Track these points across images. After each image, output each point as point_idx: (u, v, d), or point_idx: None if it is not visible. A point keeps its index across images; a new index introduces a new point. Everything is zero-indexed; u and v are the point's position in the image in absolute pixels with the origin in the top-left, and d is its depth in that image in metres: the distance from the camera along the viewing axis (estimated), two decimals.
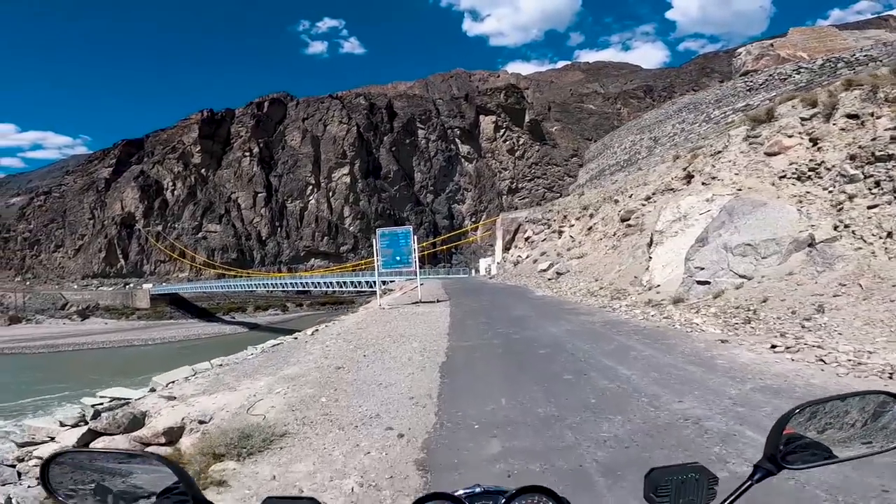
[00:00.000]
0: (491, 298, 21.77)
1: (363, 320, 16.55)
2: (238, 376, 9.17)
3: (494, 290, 27.69)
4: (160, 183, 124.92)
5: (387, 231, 23.29)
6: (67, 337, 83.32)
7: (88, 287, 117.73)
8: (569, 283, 23.65)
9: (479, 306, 18.62)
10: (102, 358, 63.47)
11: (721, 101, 31.63)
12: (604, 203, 34.40)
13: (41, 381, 44.09)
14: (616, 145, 42.07)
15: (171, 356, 61.57)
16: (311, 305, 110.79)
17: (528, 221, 45.50)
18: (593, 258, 28.66)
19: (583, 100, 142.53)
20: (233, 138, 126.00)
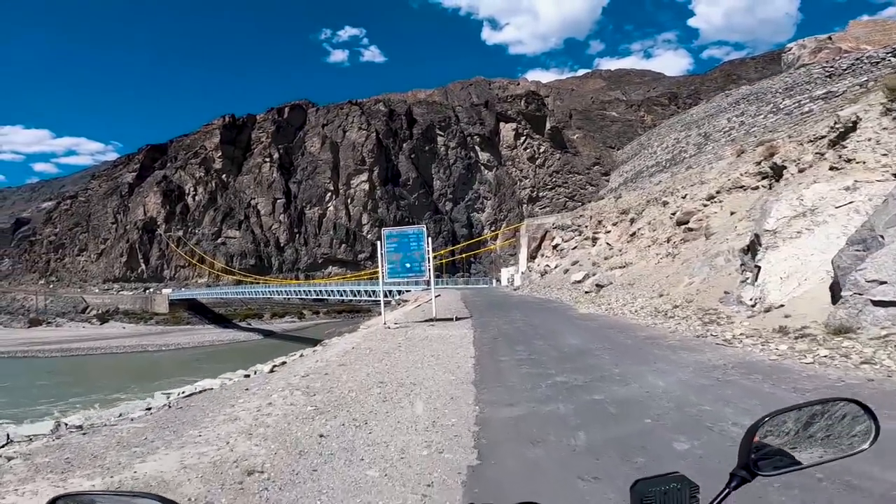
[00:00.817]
0: (524, 317, 16.89)
1: (355, 348, 11.81)
2: (40, 471, 4.53)
3: (524, 304, 22.73)
4: (182, 188, 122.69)
5: (395, 231, 18.41)
6: (83, 341, 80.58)
7: (109, 291, 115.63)
8: (618, 299, 18.62)
9: (511, 329, 13.81)
10: (112, 364, 60.35)
11: (792, 89, 26.48)
12: (648, 206, 29.31)
13: (37, 387, 40.93)
14: (655, 144, 36.97)
15: (181, 363, 58.60)
16: (327, 313, 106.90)
17: (556, 228, 40.45)
18: (641, 268, 23.56)
19: (605, 107, 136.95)
20: (253, 144, 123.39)
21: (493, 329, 13.98)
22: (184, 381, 41.54)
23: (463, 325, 15.23)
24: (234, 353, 65.17)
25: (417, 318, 18.23)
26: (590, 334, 11.83)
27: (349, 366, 9.40)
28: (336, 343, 13.02)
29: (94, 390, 38.44)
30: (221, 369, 47.18)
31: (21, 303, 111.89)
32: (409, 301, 32.13)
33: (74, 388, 40.08)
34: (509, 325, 14.87)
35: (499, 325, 14.96)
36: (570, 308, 19.23)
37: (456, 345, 11.61)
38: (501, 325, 14.96)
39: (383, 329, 15.20)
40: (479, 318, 16.94)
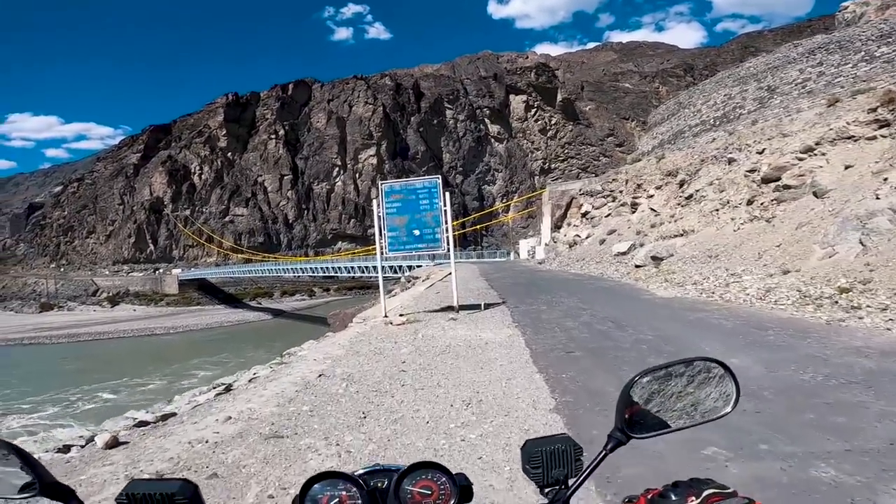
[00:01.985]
0: (582, 303, 11.36)
1: (322, 376, 6.36)
2: None
3: (566, 282, 17.20)
4: (187, 167, 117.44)
5: (397, 185, 12.09)
6: (92, 325, 76.58)
7: (119, 273, 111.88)
8: (706, 276, 13.15)
9: (580, 328, 8.33)
10: (121, 349, 57.01)
11: (888, 36, 20.75)
12: (704, 165, 23.55)
13: (52, 375, 38.57)
14: (699, 103, 31.20)
15: (191, 347, 54.76)
16: (337, 290, 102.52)
17: (584, 194, 34.78)
18: (712, 235, 18.08)
19: (618, 79, 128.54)
20: (258, 121, 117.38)
21: (551, 327, 8.67)
22: (193, 367, 37.44)
23: (499, 319, 9.92)
24: (242, 336, 61.44)
25: (432, 304, 12.92)
26: (767, 352, 6.36)
27: (281, 444, 4.11)
28: (298, 361, 7.60)
29: (111, 377, 36.70)
30: (229, 354, 42.90)
31: (32, 287, 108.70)
32: (419, 278, 26.83)
33: (92, 375, 38.09)
34: (570, 318, 9.54)
35: (554, 318, 9.61)
36: (637, 288, 13.79)
37: (504, 368, 6.36)
38: (558, 318, 9.62)
39: (383, 325, 10.00)
40: (518, 306, 11.58)
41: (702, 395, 1.21)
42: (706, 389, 1.22)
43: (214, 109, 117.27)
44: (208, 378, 32.00)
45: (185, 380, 35.66)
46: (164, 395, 27.70)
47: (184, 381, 35.26)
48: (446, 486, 1.10)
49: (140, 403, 23.37)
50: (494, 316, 10.36)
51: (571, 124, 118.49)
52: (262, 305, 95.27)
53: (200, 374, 36.48)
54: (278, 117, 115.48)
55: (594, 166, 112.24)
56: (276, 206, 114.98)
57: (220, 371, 35.93)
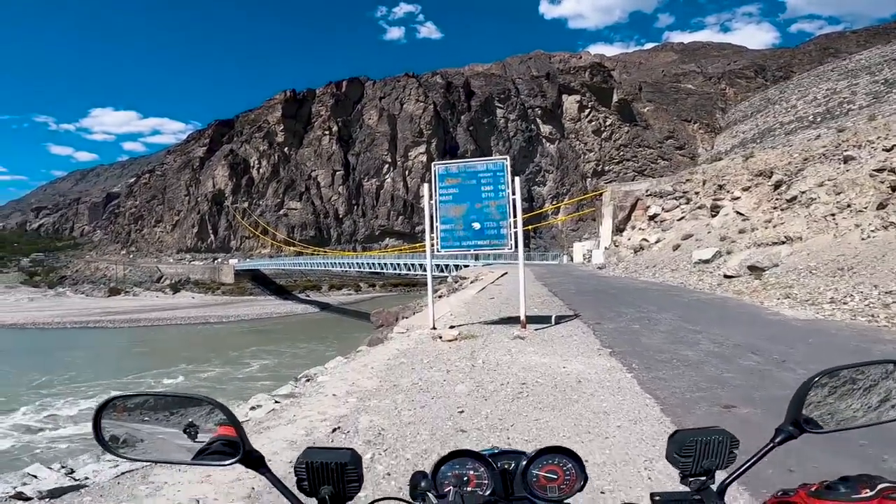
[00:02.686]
0: (698, 326, 8.05)
1: (344, 420, 4.02)
2: None
3: (644, 293, 14.00)
4: (247, 161, 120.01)
5: (455, 167, 9.30)
6: (152, 311, 78.23)
7: (182, 261, 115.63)
8: (844, 290, 9.90)
9: (734, 370, 5.09)
10: (177, 335, 58.02)
11: None
12: (809, 165, 19.73)
13: (92, 362, 38.64)
14: (794, 98, 27.14)
15: (239, 336, 54.97)
16: (383, 286, 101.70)
17: (652, 195, 31.14)
18: (830, 244, 14.56)
19: (679, 80, 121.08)
20: (313, 118, 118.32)
21: (665, 358, 5.89)
22: (238, 358, 37.07)
23: (581, 340, 7.19)
24: (288, 329, 61.33)
25: (487, 313, 10.29)
26: None
27: None
28: (312, 393, 5.23)
29: (163, 364, 37.28)
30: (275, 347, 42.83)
31: (104, 272, 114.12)
32: (467, 279, 24.26)
33: (147, 361, 38.99)
34: (682, 343, 6.69)
35: (660, 343, 6.78)
36: (746, 304, 10.64)
37: (627, 434, 3.74)
38: (664, 342, 6.79)
39: (430, 340, 7.53)
40: (600, 322, 8.79)
41: (887, 393, 1.13)
42: (891, 388, 1.13)
43: (273, 105, 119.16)
44: (256, 371, 32.82)
45: (238, 369, 35.56)
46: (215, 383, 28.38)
47: (236, 369, 35.08)
48: (572, 471, 1.08)
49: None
50: (573, 335, 7.64)
51: (628, 126, 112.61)
52: (310, 298, 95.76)
53: (252, 364, 35.91)
54: (332, 114, 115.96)
55: (651, 169, 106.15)
56: (327, 201, 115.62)
57: (268, 363, 35.81)
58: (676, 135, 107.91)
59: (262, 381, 30.30)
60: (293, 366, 33.93)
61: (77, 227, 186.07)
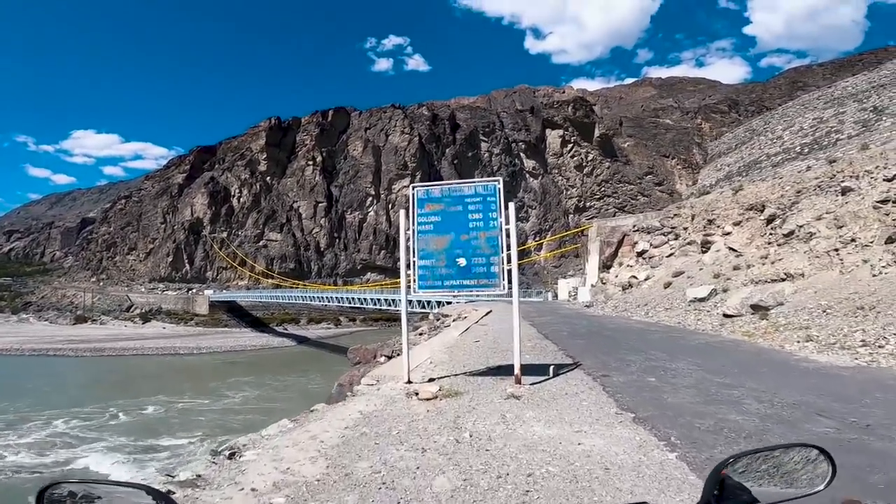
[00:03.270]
0: (726, 378, 6.45)
1: None
2: None
3: (648, 335, 12.43)
4: (228, 189, 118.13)
5: (438, 190, 7.56)
6: (119, 341, 75.21)
7: (155, 290, 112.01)
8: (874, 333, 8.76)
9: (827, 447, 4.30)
10: (141, 366, 55.64)
11: None
12: (804, 198, 19.12)
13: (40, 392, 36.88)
14: (779, 129, 26.88)
15: (206, 370, 52.60)
16: (364, 321, 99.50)
17: (639, 231, 30.41)
18: (837, 281, 13.62)
19: (658, 115, 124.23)
20: (297, 147, 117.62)
21: (713, 428, 4.48)
22: (193, 393, 34.97)
23: (589, 398, 5.75)
24: (263, 362, 59.06)
25: (473, 360, 8.80)
26: None
27: None
28: (226, 485, 3.86)
29: (108, 396, 35.50)
30: (243, 379, 40.73)
31: (70, 299, 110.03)
32: (449, 317, 22.81)
33: (96, 393, 37.34)
34: (721, 403, 5.23)
35: (692, 402, 5.32)
36: (764, 349, 9.38)
37: None
38: (696, 401, 5.33)
39: (403, 398, 6.05)
40: (607, 373, 7.40)
41: (796, 474, 1.24)
42: (801, 469, 1.24)
43: (257, 133, 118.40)
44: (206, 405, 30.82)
45: (180, 401, 33.93)
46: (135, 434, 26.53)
47: (179, 402, 33.06)
48: None
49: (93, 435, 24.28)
50: (579, 392, 6.26)
51: (609, 161, 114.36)
52: (287, 331, 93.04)
53: (195, 401, 33.82)
54: (317, 143, 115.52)
55: (632, 206, 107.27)
56: (308, 233, 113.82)
57: (214, 400, 33.73)
58: (656, 170, 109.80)
59: (203, 420, 28.44)
60: (249, 406, 32.03)
61: (48, 253, 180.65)
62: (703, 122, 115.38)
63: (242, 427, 26.29)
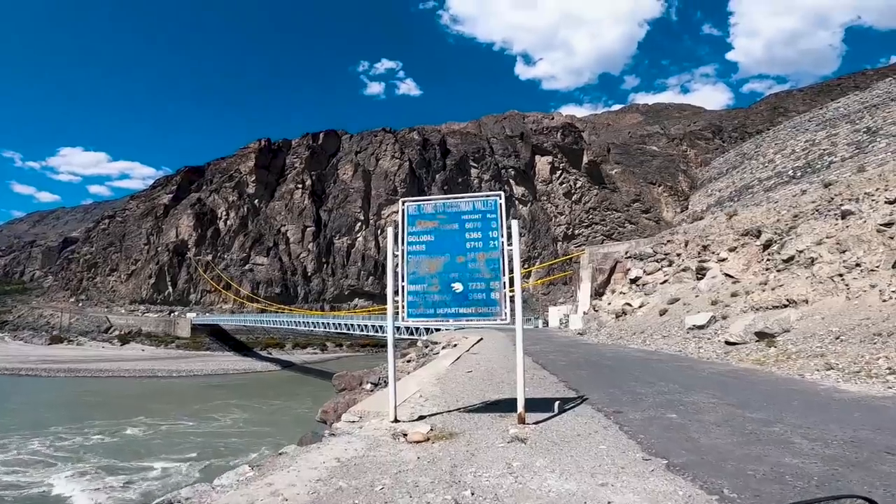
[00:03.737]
0: (759, 413, 5.44)
1: None
2: None
3: (650, 365, 11.46)
4: (215, 212, 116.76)
5: (432, 208, 6.52)
6: (95, 362, 72.78)
7: (135, 312, 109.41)
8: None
9: None
10: (108, 389, 53.30)
11: None
12: (801, 222, 18.76)
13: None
14: (770, 152, 26.78)
15: (183, 393, 50.61)
16: (350, 346, 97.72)
17: (632, 258, 29.95)
18: (840, 307, 13.07)
19: (645, 141, 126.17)
20: (287, 169, 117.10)
21: (765, 471, 3.67)
22: (169, 414, 33.31)
23: (606, 439, 4.86)
24: (244, 386, 57.16)
25: (466, 394, 7.81)
26: None
27: None
28: None
29: (76, 419, 34.06)
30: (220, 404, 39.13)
31: (47, 319, 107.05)
32: (439, 344, 21.86)
33: (63, 414, 35.99)
34: (774, 445, 4.31)
35: (729, 445, 4.46)
36: (783, 378, 8.53)
37: None
38: (732, 441, 4.47)
39: (389, 439, 5.09)
40: (619, 408, 6.50)
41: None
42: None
43: (247, 154, 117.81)
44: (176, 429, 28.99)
45: (156, 427, 32.37)
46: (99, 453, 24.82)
47: (157, 427, 31.55)
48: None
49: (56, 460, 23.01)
50: (593, 432, 5.40)
51: (597, 188, 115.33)
52: (271, 356, 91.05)
53: (164, 424, 32.11)
54: (307, 166, 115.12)
55: (619, 233, 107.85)
56: (296, 258, 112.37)
57: (196, 424, 31.99)
58: (643, 198, 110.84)
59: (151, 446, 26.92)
60: (213, 431, 30.36)
61: (28, 271, 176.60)
62: (689, 149, 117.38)
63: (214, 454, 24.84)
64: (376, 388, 13.28)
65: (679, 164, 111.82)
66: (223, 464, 21.91)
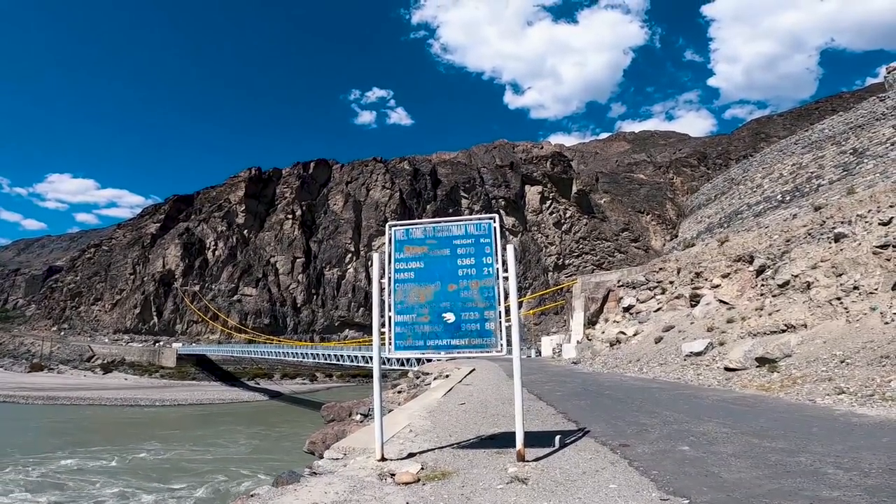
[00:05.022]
0: (783, 443, 5.37)
1: None
2: None
3: (650, 393, 10.79)
4: (203, 241, 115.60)
5: (421, 233, 6.03)
6: (76, 390, 71.57)
7: (119, 342, 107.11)
8: None
9: None
10: (95, 417, 52.67)
11: None
12: (794, 247, 18.63)
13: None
14: (758, 177, 26.99)
15: (171, 422, 49.60)
16: (341, 377, 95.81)
17: (624, 286, 29.64)
18: (841, 330, 12.75)
19: (632, 169, 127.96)
20: (277, 199, 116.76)
21: None
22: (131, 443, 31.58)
23: (615, 478, 4.29)
24: (229, 416, 55.57)
25: (459, 428, 7.14)
26: None
27: None
28: None
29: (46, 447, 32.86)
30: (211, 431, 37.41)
31: (28, 347, 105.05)
32: (430, 374, 21.13)
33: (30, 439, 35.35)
34: (808, 479, 3.74)
35: (767, 484, 3.94)
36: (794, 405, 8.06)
37: None
38: (770, 480, 3.93)
39: (376, 480, 4.54)
40: (625, 442, 5.98)
41: None
42: None
43: (237, 183, 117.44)
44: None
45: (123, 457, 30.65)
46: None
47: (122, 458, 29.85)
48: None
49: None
50: (600, 469, 4.85)
51: (586, 218, 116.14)
52: (259, 386, 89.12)
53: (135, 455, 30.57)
54: (297, 196, 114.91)
55: (609, 262, 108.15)
56: (285, 289, 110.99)
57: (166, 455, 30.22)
58: (631, 226, 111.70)
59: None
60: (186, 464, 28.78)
61: (11, 300, 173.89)
62: (675, 177, 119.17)
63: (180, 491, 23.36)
64: (366, 418, 12.64)
65: (666, 192, 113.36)
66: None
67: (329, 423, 14.50)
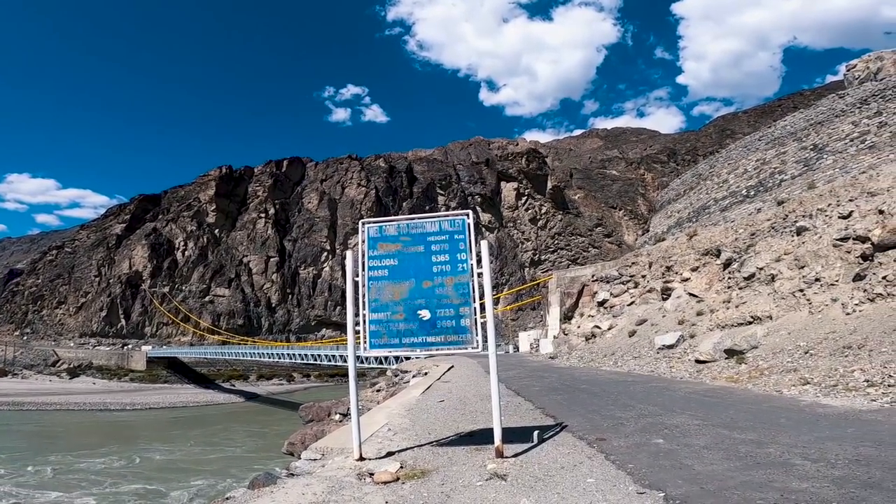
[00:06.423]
0: (761, 435, 5.61)
1: None
2: None
3: (627, 387, 11.03)
4: (172, 242, 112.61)
5: (394, 230, 6.04)
6: (42, 395, 70.04)
7: (85, 346, 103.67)
8: (885, 372, 8.08)
9: None
10: (63, 421, 51.58)
11: None
12: (759, 240, 19.28)
13: None
14: (724, 172, 27.70)
15: (142, 425, 49.06)
16: (318, 377, 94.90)
17: (599, 281, 30.15)
18: (805, 322, 13.24)
19: (605, 166, 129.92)
20: (249, 198, 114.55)
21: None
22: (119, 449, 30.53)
23: (594, 472, 4.36)
24: (204, 418, 54.96)
25: (439, 425, 7.13)
26: None
27: None
28: None
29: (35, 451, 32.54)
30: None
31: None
32: (409, 372, 21.09)
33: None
34: (781, 470, 3.86)
35: (743, 476, 4.01)
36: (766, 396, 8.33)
37: None
38: (744, 472, 4.03)
39: (354, 481, 4.50)
40: (602, 436, 6.05)
41: None
42: None
43: (206, 182, 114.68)
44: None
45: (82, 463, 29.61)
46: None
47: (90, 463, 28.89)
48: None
49: None
50: (578, 463, 4.93)
51: (561, 214, 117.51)
52: (234, 388, 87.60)
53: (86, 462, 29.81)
54: (270, 195, 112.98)
55: (584, 258, 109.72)
56: (259, 289, 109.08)
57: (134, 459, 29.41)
58: (605, 222, 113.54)
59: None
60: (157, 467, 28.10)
61: None
62: (646, 173, 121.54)
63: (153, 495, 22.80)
64: (346, 418, 12.55)
65: (638, 188, 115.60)
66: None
67: (308, 424, 14.32)
